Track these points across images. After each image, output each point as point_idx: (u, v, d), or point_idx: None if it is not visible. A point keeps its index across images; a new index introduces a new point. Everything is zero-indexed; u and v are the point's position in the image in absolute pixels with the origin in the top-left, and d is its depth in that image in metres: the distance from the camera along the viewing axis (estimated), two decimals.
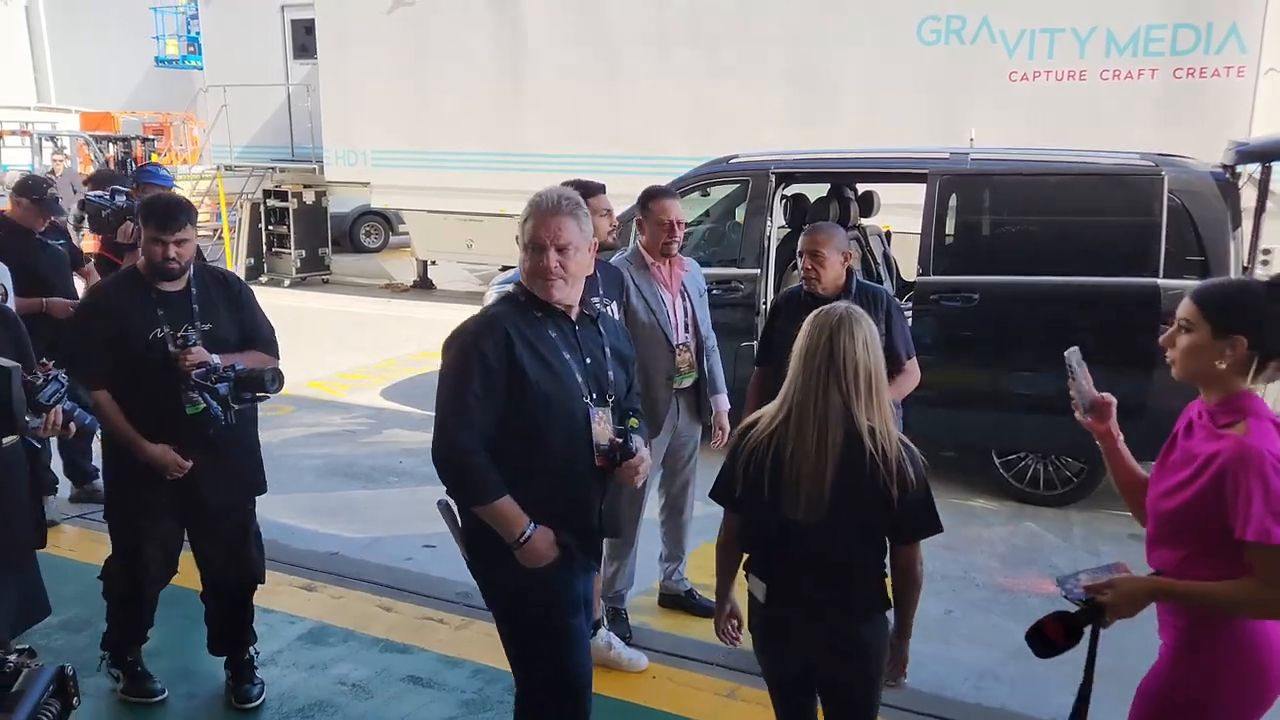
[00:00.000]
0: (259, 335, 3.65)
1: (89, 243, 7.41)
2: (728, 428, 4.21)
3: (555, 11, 10.99)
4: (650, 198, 4.03)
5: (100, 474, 4.71)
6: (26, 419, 2.76)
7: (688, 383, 4.17)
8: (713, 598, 2.79)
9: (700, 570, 4.39)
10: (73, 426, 3.07)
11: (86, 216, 6.25)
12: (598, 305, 2.87)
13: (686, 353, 4.14)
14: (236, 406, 3.35)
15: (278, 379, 3.43)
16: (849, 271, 3.89)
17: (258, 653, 3.79)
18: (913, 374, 3.99)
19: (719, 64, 10.12)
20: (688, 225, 7.18)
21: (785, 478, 2.33)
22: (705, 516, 3.64)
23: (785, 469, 2.34)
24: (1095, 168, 5.54)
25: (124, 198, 5.74)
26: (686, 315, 4.14)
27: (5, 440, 2.43)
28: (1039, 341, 5.31)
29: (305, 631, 4.15)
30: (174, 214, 3.40)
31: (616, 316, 3.57)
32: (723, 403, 4.31)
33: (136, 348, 3.33)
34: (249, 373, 3.37)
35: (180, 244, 3.38)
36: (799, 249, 3.94)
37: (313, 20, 12.78)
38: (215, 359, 3.33)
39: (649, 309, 4.03)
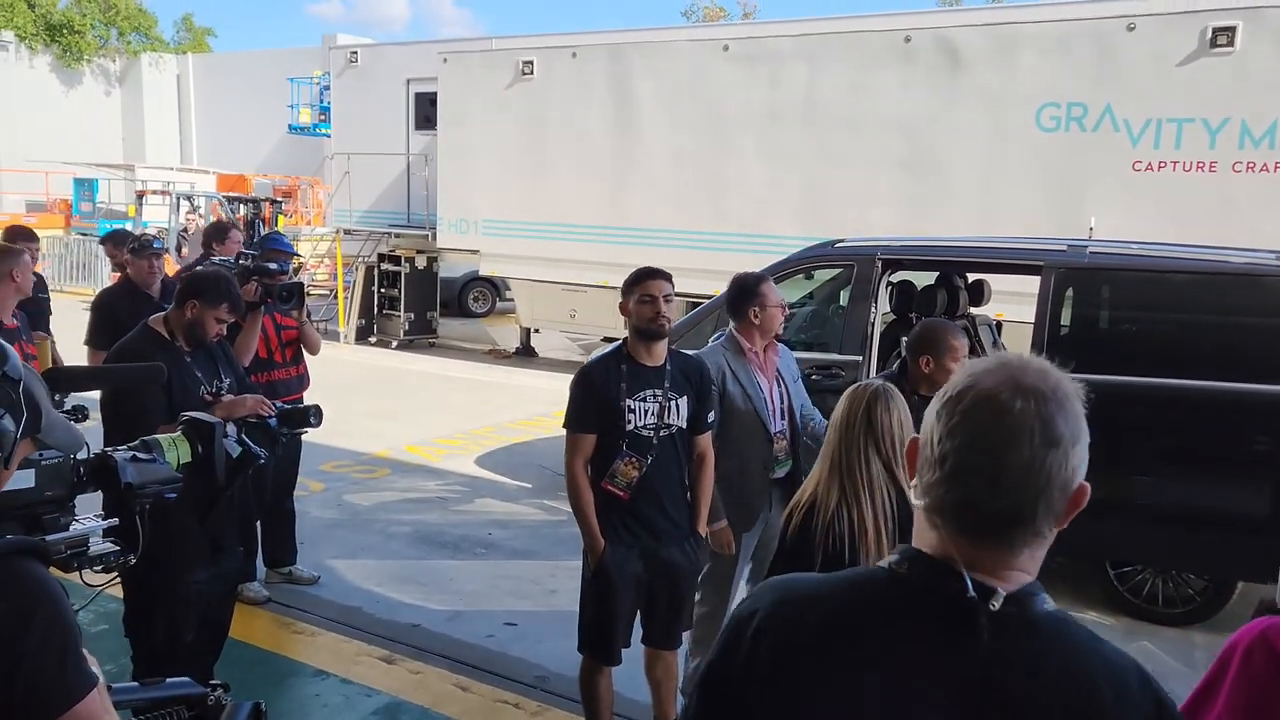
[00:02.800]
0: (247, 385, 3.95)
1: None
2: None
3: (668, 90, 11.16)
4: (756, 283, 4.05)
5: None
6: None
7: (783, 471, 4.06)
8: None
9: None
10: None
11: None
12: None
13: (783, 440, 4.06)
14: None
15: (320, 415, 3.51)
16: None
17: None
18: None
19: (830, 146, 10.08)
20: (790, 307, 7.16)
21: (860, 542, 2.54)
22: None
23: (857, 533, 2.54)
24: (1224, 266, 5.24)
25: (248, 258, 5.97)
26: (782, 402, 4.06)
27: None
28: (1158, 448, 5.01)
29: (381, 706, 4.10)
30: (239, 301, 3.80)
31: (684, 412, 3.61)
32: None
33: (191, 404, 3.45)
34: (294, 409, 3.48)
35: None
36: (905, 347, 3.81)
37: (434, 93, 13.30)
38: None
39: (746, 396, 3.95)
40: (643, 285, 3.54)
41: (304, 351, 5.50)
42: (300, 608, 5.11)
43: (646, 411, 3.54)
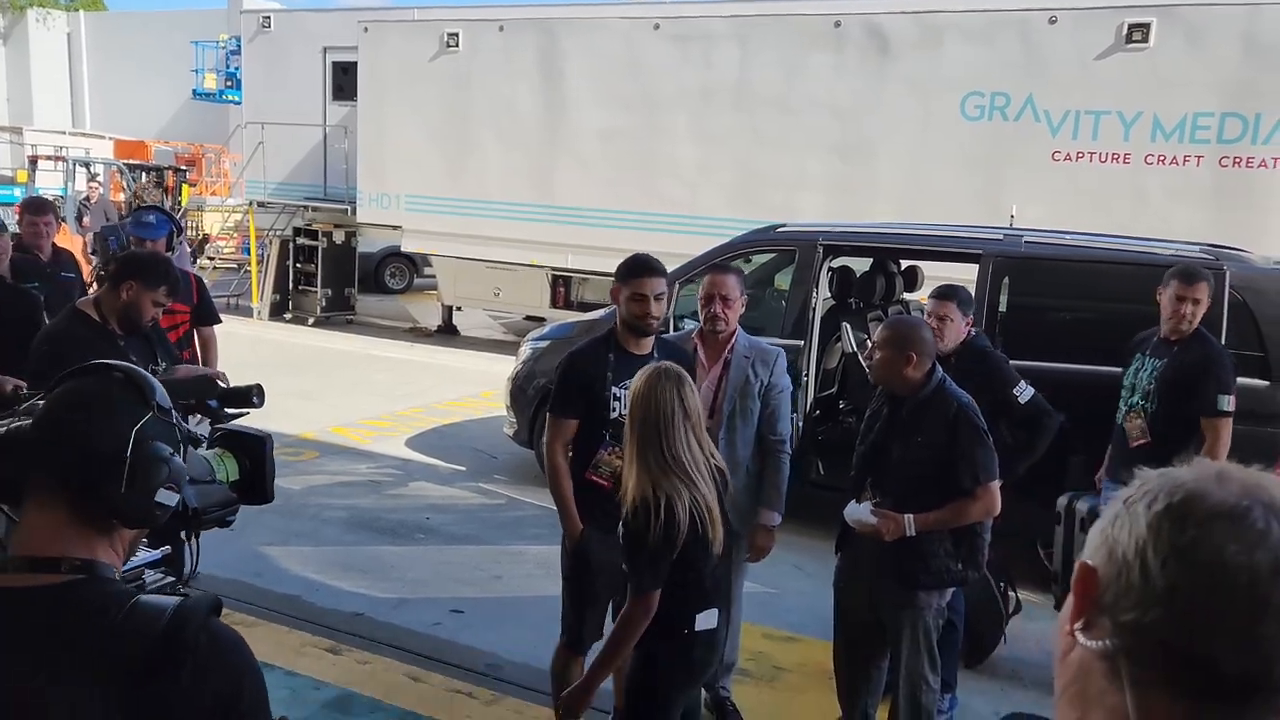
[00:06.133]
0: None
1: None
2: (765, 549, 3.79)
3: (598, 68, 11.05)
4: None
5: None
6: None
7: None
8: None
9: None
10: None
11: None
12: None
13: None
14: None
15: (262, 395, 3.49)
16: (931, 373, 3.38)
17: None
18: (982, 501, 3.30)
19: (761, 128, 10.14)
20: None
21: (710, 529, 2.67)
22: None
23: (707, 518, 2.66)
24: (1154, 258, 5.45)
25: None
26: (715, 398, 3.82)
27: None
28: (1091, 433, 5.18)
29: (331, 699, 4.00)
30: (178, 284, 3.70)
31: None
32: (769, 518, 3.79)
33: None
34: (235, 390, 3.45)
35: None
36: (875, 341, 3.69)
37: (353, 63, 12.90)
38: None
39: None
40: (634, 283, 3.45)
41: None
42: (235, 597, 4.93)
43: None
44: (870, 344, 4.95)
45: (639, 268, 3.49)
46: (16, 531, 1.26)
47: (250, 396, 3.37)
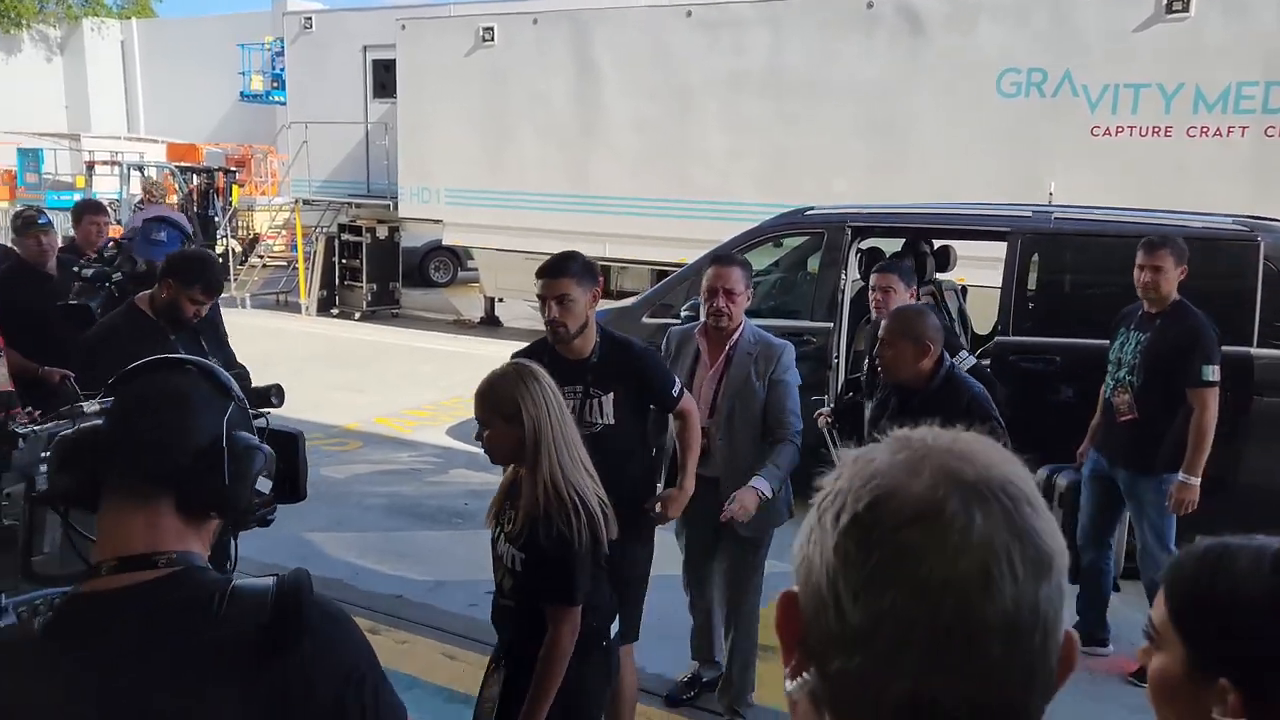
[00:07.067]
0: (233, 364, 3.88)
1: None
2: (744, 509, 3.41)
3: (629, 58, 11.11)
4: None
5: None
6: None
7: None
8: None
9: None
10: None
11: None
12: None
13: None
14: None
15: (282, 395, 3.56)
16: (940, 362, 3.32)
17: None
18: None
19: (792, 113, 10.12)
20: (757, 274, 7.20)
21: (605, 525, 2.57)
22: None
23: (602, 517, 2.55)
24: (1185, 231, 5.38)
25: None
26: (716, 394, 3.67)
27: None
28: None
29: None
30: (214, 282, 3.71)
31: (608, 410, 3.26)
32: (759, 484, 3.48)
33: None
34: (259, 390, 3.51)
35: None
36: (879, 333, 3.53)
37: (393, 60, 13.11)
38: None
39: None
40: (539, 284, 3.20)
41: None
42: None
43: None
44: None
45: (541, 268, 3.22)
46: (100, 534, 1.22)
47: (269, 396, 3.49)
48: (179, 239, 5.08)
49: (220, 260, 4.32)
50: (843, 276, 6.12)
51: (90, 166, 20.14)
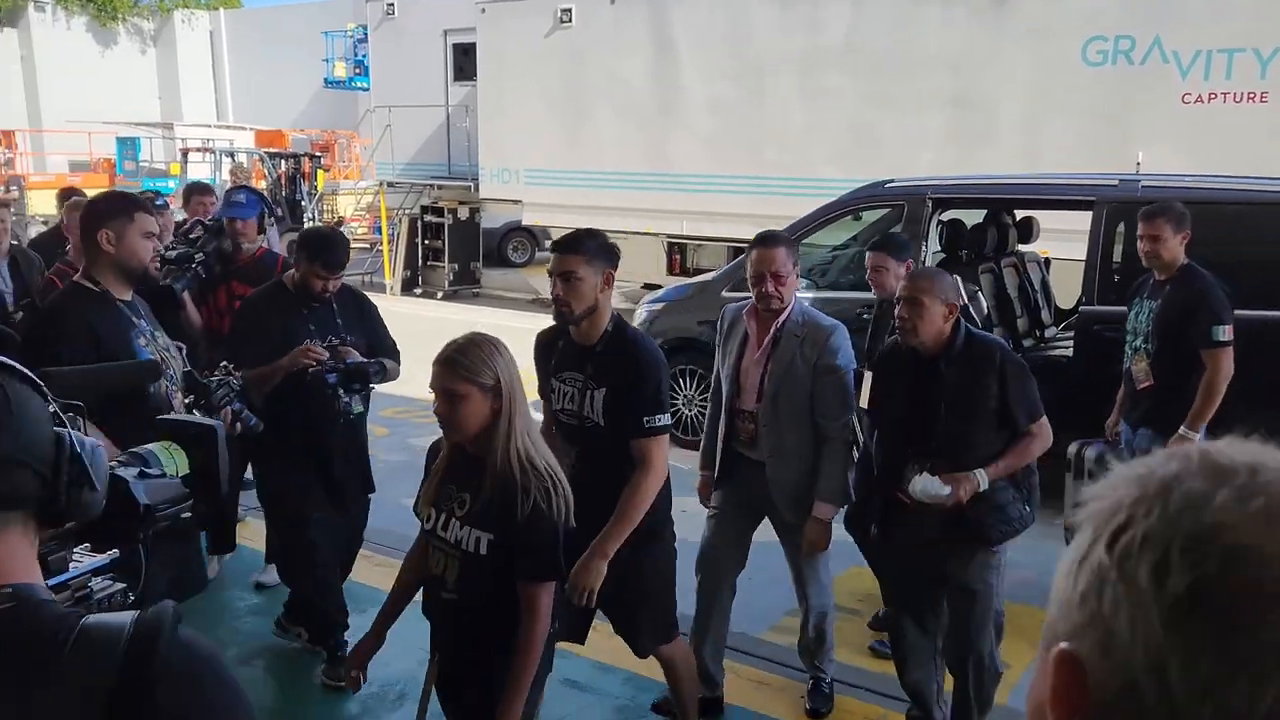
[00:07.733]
0: (384, 345, 4.01)
1: None
2: (816, 543, 3.44)
3: (707, 35, 11.15)
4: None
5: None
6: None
7: (752, 454, 3.62)
8: None
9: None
10: (239, 426, 3.30)
11: None
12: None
13: (750, 425, 3.56)
14: (345, 396, 3.75)
15: (382, 371, 3.81)
16: (957, 324, 3.17)
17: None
18: (1040, 437, 3.17)
19: (873, 88, 10.05)
20: (835, 249, 7.22)
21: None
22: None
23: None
24: (1267, 196, 5.27)
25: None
26: (764, 379, 3.51)
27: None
28: None
29: None
30: (340, 262, 3.82)
31: (598, 406, 3.07)
32: (821, 509, 3.43)
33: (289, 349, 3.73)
34: (355, 365, 3.71)
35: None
36: (896, 295, 3.33)
37: (473, 44, 13.34)
38: (354, 355, 3.76)
39: (724, 354, 3.67)
40: (552, 257, 3.08)
41: None
42: (388, 545, 5.36)
43: (567, 395, 3.11)
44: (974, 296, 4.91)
45: (554, 243, 3.12)
46: None
47: (369, 374, 3.84)
48: (257, 203, 5.28)
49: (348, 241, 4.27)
50: (923, 248, 6.12)
51: (184, 154, 20.89)
